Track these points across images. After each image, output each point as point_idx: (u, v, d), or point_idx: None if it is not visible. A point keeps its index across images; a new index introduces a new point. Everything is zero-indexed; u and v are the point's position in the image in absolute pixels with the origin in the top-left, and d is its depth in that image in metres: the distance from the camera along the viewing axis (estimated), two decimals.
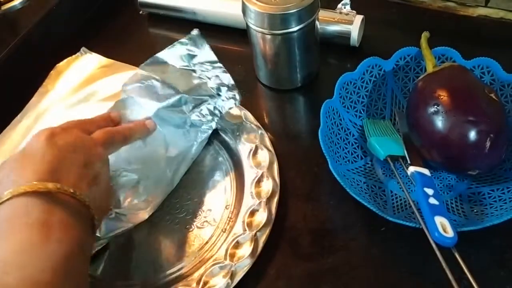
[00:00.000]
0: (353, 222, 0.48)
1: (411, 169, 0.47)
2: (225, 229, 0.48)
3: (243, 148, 0.53)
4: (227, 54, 0.67)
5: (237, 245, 0.46)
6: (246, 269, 0.44)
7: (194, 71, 0.54)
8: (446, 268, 0.39)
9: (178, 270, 0.46)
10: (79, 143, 0.40)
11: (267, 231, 0.46)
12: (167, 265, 0.47)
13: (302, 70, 0.59)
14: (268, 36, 0.55)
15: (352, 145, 0.52)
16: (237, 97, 0.53)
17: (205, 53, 0.54)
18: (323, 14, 0.61)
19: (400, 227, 0.43)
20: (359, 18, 0.61)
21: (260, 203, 0.48)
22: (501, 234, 0.44)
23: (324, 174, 0.50)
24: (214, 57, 0.54)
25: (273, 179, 0.50)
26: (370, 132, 0.52)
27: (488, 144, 0.43)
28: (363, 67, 0.53)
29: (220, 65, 0.54)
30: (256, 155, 0.52)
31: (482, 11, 0.64)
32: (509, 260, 0.44)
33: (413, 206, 0.44)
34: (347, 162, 0.51)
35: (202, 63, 0.54)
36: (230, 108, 0.54)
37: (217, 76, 0.54)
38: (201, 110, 0.53)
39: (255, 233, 0.46)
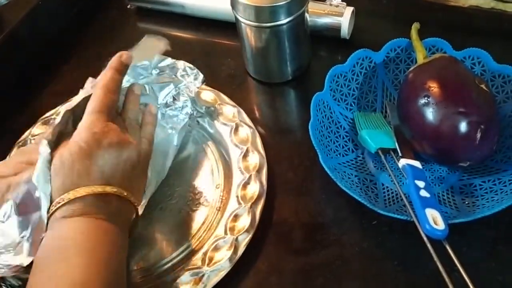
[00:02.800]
0: (345, 215, 0.48)
1: (402, 161, 0.47)
2: (219, 207, 0.49)
3: (224, 128, 0.54)
4: (216, 48, 0.66)
5: (235, 219, 0.47)
6: (247, 241, 0.45)
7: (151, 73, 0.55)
8: (437, 261, 0.39)
9: (181, 253, 0.47)
10: (121, 142, 0.42)
11: (262, 201, 0.48)
12: (169, 250, 0.47)
13: (292, 63, 0.59)
14: (257, 29, 0.54)
15: (343, 138, 0.52)
16: (200, 75, 0.54)
17: (156, 59, 0.54)
18: (312, 6, 0.60)
19: (391, 220, 0.43)
20: (349, 10, 0.61)
21: (250, 176, 0.49)
22: (493, 225, 0.44)
23: (316, 168, 0.50)
24: (163, 57, 0.55)
25: (258, 152, 0.51)
26: (361, 125, 0.51)
27: (479, 135, 0.43)
28: (353, 59, 0.53)
29: (170, 58, 0.55)
30: (238, 132, 0.54)
31: (473, 1, 0.64)
32: (500, 252, 0.44)
33: (404, 199, 0.44)
34: (338, 156, 0.50)
35: (155, 67, 0.54)
36: (197, 87, 0.54)
37: (173, 66, 0.54)
38: (170, 100, 0.53)
39: (251, 205, 0.47)
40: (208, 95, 0.57)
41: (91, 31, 0.71)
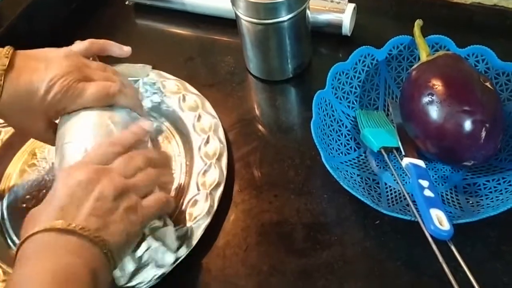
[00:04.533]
0: (347, 215, 0.47)
1: (406, 160, 0.46)
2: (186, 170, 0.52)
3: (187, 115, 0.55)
4: (216, 45, 0.66)
5: (204, 174, 0.50)
6: (219, 193, 0.48)
7: None
8: (442, 261, 0.38)
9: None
10: (92, 178, 0.39)
11: (224, 156, 0.50)
12: None
13: (293, 61, 0.58)
14: (258, 26, 0.53)
15: (345, 136, 0.51)
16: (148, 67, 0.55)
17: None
18: (314, 2, 0.59)
19: (395, 220, 0.42)
20: (351, 7, 0.60)
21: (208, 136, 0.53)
22: (497, 225, 0.44)
23: (317, 167, 0.49)
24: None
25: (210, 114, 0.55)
26: (363, 123, 0.51)
27: (483, 134, 0.43)
28: (355, 57, 0.52)
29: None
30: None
31: None
32: (505, 252, 0.43)
33: (408, 198, 0.43)
34: (340, 154, 0.50)
35: None
36: (147, 75, 0.56)
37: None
38: None
39: (215, 161, 0.50)
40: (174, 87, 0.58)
41: (89, 27, 0.71)
